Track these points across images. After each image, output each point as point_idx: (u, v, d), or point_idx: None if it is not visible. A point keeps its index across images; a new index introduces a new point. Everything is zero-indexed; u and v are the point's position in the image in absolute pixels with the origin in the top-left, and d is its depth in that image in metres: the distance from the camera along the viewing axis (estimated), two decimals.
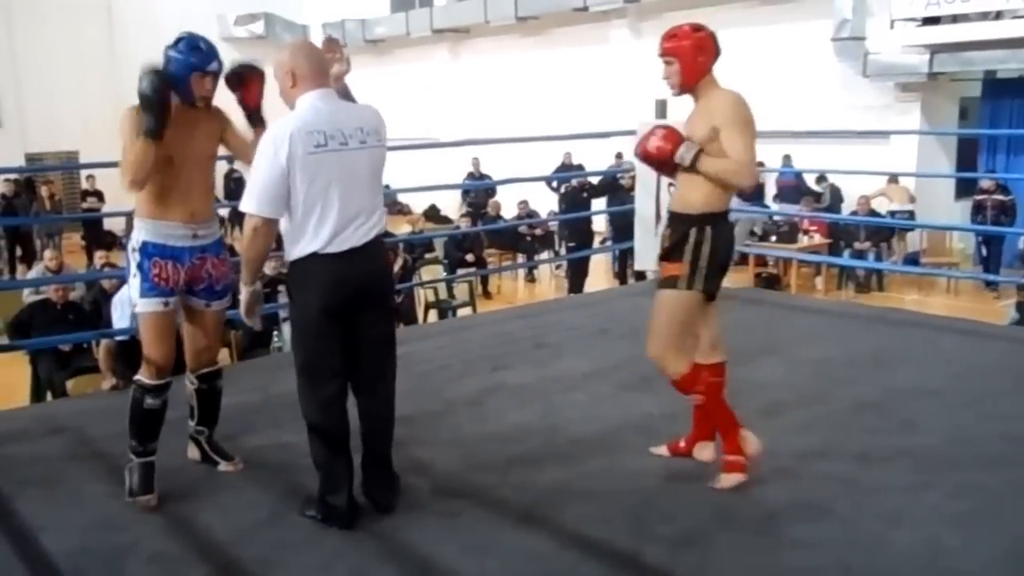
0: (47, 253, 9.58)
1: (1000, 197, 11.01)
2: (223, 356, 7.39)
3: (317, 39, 23.58)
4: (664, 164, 3.34)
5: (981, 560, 2.87)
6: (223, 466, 3.67)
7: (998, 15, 11.03)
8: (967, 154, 12.88)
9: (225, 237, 14.07)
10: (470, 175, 15.99)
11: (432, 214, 17.96)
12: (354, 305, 3.05)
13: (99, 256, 9.44)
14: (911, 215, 11.76)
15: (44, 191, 15.38)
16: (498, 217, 13.39)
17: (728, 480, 3.37)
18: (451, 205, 17.65)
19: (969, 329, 6.03)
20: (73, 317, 6.44)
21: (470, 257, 11.50)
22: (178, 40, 3.36)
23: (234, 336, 6.91)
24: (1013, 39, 10.82)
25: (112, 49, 19.23)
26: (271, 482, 3.54)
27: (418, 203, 18.26)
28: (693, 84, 3.32)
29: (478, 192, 15.15)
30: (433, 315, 9.74)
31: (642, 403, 4.25)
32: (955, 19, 11.49)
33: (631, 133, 6.92)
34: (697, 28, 3.35)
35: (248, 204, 2.96)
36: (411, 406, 4.28)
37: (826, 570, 2.83)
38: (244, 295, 3.13)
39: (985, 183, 11.20)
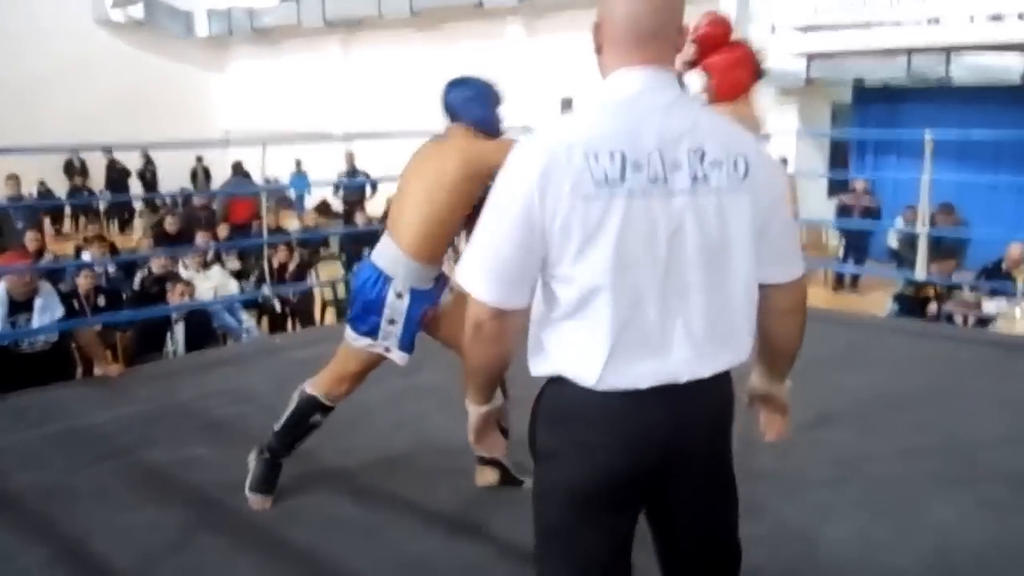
0: None
1: (867, 203, 11.29)
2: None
3: (201, 27, 22.71)
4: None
5: (863, 546, 2.85)
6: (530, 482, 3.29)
7: (867, 25, 11.43)
8: (838, 155, 13.56)
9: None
10: (346, 173, 15.49)
11: (324, 210, 17.50)
12: (653, 479, 1.67)
13: None
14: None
15: None
16: None
17: None
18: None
19: (853, 321, 6.29)
20: None
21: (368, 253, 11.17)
22: (461, 80, 3.25)
23: (120, 338, 6.45)
24: (880, 50, 11.25)
25: None
26: (175, 501, 3.23)
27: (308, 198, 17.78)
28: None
29: (351, 189, 14.88)
30: (331, 314, 9.40)
31: None
32: (832, 27, 11.82)
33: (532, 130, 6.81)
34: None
35: (469, 278, 1.62)
36: None
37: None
38: (471, 417, 1.86)
39: (857, 184, 11.57)
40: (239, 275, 8.74)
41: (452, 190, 2.90)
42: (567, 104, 6.79)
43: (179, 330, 6.19)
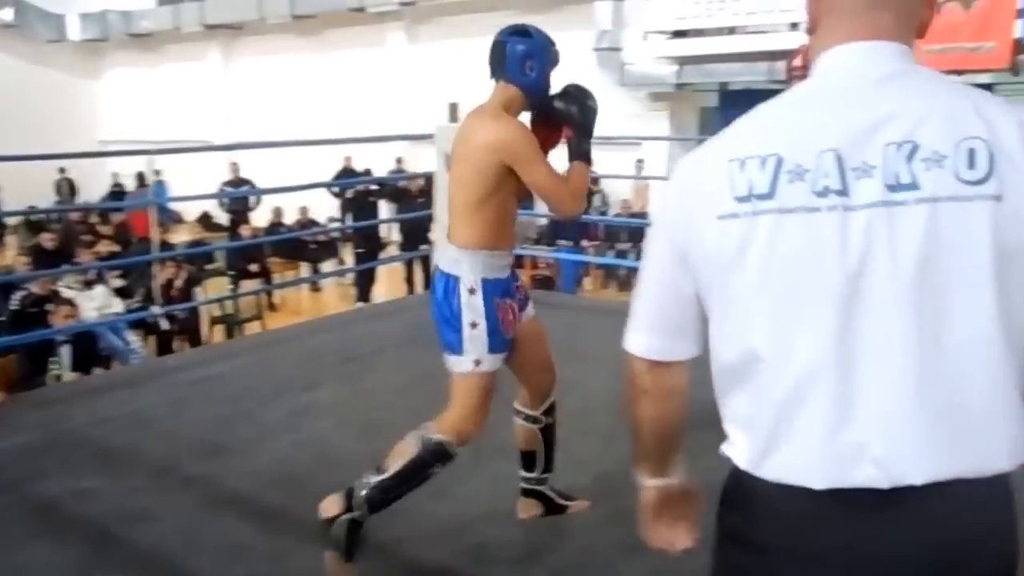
0: None
1: None
2: None
3: (74, 31, 21.85)
4: None
5: None
6: (576, 506, 3.17)
7: (732, 31, 11.80)
8: None
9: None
10: (229, 183, 15.07)
11: (206, 222, 17.05)
12: None
13: None
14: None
15: None
16: (279, 225, 12.89)
17: None
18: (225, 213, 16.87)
19: None
20: None
21: (255, 267, 11.00)
22: (521, 29, 2.85)
23: (2, 364, 6.20)
24: (745, 53, 11.60)
25: None
26: (72, 537, 3.12)
27: (189, 211, 17.30)
28: None
29: (236, 200, 14.53)
30: (219, 331, 9.22)
31: None
32: (700, 33, 12.09)
33: (424, 137, 6.86)
34: None
35: (630, 326, 1.32)
36: (223, 434, 4.02)
37: None
38: (642, 495, 1.44)
39: None
40: (122, 293, 8.50)
41: (480, 164, 2.66)
42: (454, 108, 6.80)
43: (65, 353, 6.00)
